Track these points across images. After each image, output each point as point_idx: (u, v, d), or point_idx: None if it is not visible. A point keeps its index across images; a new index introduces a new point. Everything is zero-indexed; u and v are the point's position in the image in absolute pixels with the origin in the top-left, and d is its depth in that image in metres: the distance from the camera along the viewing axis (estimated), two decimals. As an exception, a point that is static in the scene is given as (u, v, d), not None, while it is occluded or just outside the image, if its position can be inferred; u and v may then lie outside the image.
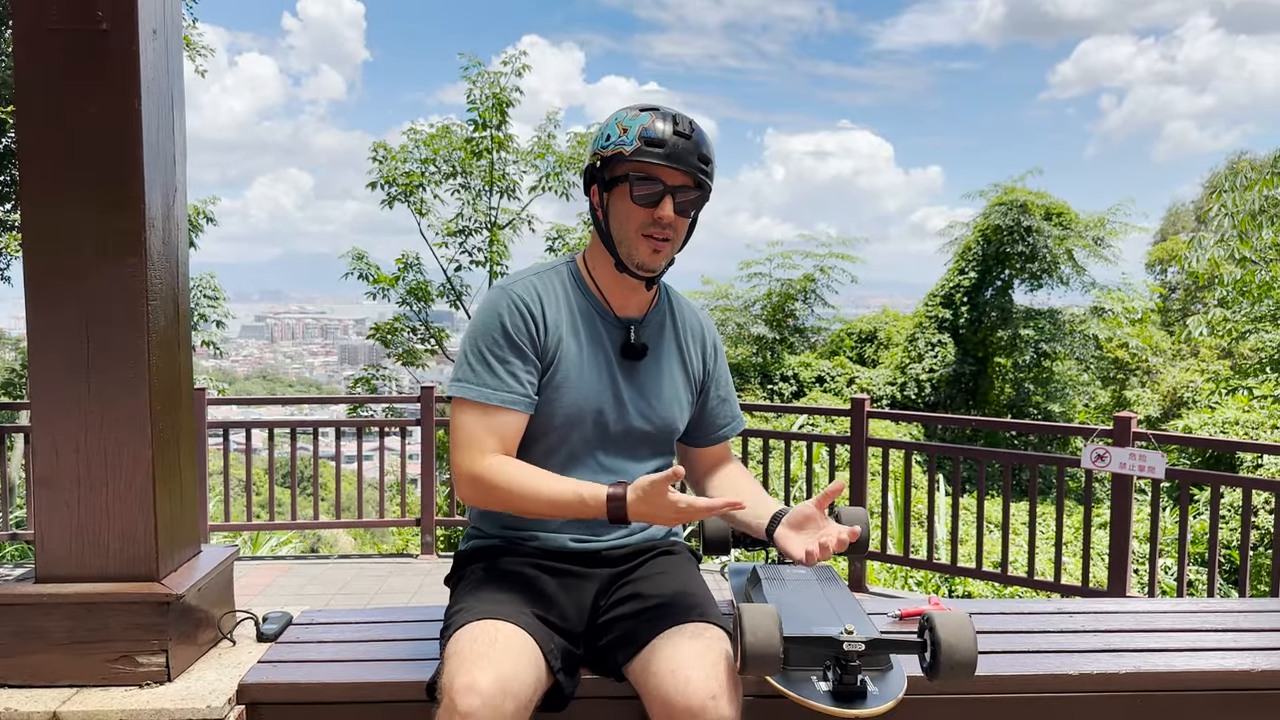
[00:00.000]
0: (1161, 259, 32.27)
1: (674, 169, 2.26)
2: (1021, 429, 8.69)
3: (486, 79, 14.37)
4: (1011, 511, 6.76)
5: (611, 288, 2.42)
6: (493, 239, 14.56)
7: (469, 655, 1.98)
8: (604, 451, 2.39)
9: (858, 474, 6.82)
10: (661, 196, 2.27)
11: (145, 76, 2.28)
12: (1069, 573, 7.20)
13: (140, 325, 2.29)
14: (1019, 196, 21.90)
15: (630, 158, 2.26)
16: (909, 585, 7.76)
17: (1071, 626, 2.64)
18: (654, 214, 2.27)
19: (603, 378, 2.37)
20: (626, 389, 2.39)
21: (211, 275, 19.75)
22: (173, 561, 2.40)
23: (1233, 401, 15.77)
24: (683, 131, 2.27)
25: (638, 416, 2.40)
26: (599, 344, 2.39)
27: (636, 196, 2.27)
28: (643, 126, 2.26)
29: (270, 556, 8.53)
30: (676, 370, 2.49)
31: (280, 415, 8.14)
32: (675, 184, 2.28)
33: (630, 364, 2.41)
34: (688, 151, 2.27)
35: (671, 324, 2.52)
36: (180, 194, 2.47)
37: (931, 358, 22.00)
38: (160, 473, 2.33)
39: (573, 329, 2.36)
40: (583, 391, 2.34)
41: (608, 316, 2.42)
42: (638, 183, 2.27)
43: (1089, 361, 22.64)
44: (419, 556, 7.61)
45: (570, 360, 2.34)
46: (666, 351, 2.49)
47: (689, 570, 2.43)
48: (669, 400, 2.46)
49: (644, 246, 2.30)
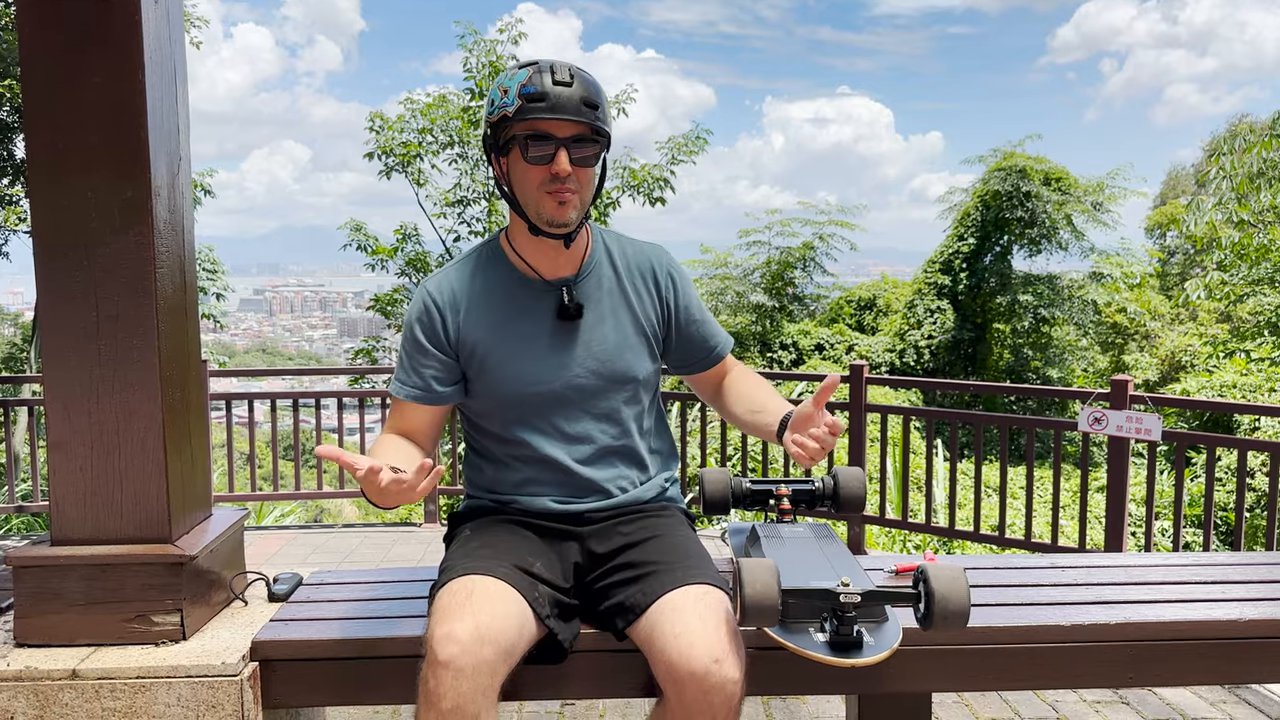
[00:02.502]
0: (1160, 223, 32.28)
1: (562, 120, 2.23)
2: (1019, 393, 8.74)
3: (483, 47, 14.29)
4: (1009, 475, 6.82)
5: (534, 254, 2.41)
6: (491, 209, 14.54)
7: (449, 608, 2.03)
8: (561, 417, 2.42)
9: (856, 440, 6.87)
10: (555, 151, 2.25)
11: (148, 46, 2.31)
12: (1066, 535, 7.27)
13: (148, 293, 2.33)
14: (1018, 162, 21.90)
15: (515, 118, 2.24)
16: (907, 549, 7.83)
17: (1064, 580, 2.69)
18: (550, 170, 2.25)
19: (534, 348, 2.39)
20: (567, 351, 2.40)
21: (210, 248, 19.75)
22: (185, 523, 2.45)
23: (1230, 365, 15.83)
24: (562, 80, 2.24)
25: (584, 374, 2.40)
26: (527, 316, 2.40)
27: (529, 156, 2.26)
28: (520, 84, 2.24)
29: (275, 526, 8.60)
30: (623, 315, 2.47)
31: (282, 387, 8.18)
32: (566, 135, 2.25)
33: (571, 324, 2.41)
34: (571, 100, 2.23)
35: (612, 271, 2.49)
36: (185, 163, 2.51)
37: (930, 324, 22.05)
38: (171, 437, 2.37)
39: (493, 310, 2.39)
40: (514, 367, 2.37)
41: (535, 284, 2.42)
42: (527, 142, 2.25)
43: (1088, 326, 22.69)
44: (422, 525, 7.66)
45: (494, 341, 2.38)
46: (607, 300, 2.46)
47: (683, 531, 2.43)
48: (617, 349, 2.44)
49: (549, 202, 2.28)
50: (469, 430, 2.55)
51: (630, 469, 2.50)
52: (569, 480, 2.42)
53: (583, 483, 2.42)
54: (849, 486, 2.58)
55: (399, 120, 14.60)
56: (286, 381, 30.53)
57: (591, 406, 2.44)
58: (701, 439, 7.67)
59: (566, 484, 2.42)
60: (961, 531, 6.68)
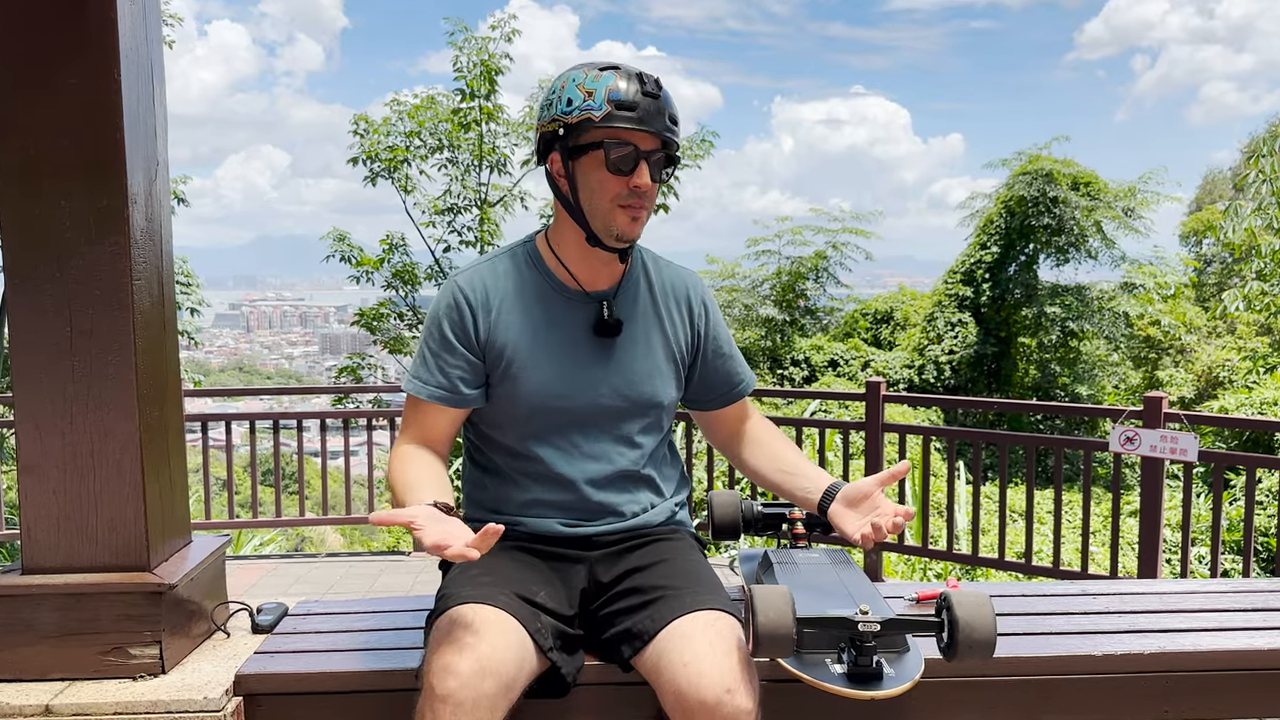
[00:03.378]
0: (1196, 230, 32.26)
1: (646, 133, 2.27)
2: (1047, 411, 8.76)
3: (474, 45, 14.29)
4: (1036, 499, 6.82)
5: (579, 263, 2.43)
6: (483, 217, 14.56)
7: (447, 639, 2.03)
8: (581, 434, 2.43)
9: (873, 462, 6.88)
10: (637, 162, 2.28)
11: (124, 45, 2.32)
12: (1096, 562, 7.27)
13: (125, 306, 2.34)
14: (1044, 165, 21.92)
15: (600, 123, 2.25)
16: (928, 578, 7.84)
17: (1095, 608, 2.70)
18: (630, 182, 2.28)
19: (564, 361, 2.40)
20: (597, 368, 2.42)
21: (183, 260, 19.75)
22: (163, 551, 2.46)
23: (1271, 380, 15.83)
24: (651, 91, 2.27)
25: (610, 394, 2.43)
26: (561, 325, 2.42)
27: (612, 164, 2.27)
28: (609, 88, 2.25)
29: (255, 556, 8.60)
30: (655, 339, 2.50)
31: (260, 408, 8.19)
32: (648, 149, 2.29)
33: (605, 341, 2.43)
34: (658, 113, 2.27)
35: (648, 290, 2.53)
36: (162, 169, 2.52)
37: (951, 338, 22.05)
38: (149, 459, 2.38)
39: (525, 315, 2.40)
40: (540, 378, 2.38)
41: (573, 295, 2.44)
42: (613, 149, 2.26)
43: (1119, 340, 22.69)
44: (411, 554, 7.66)
45: (523, 348, 2.39)
46: (643, 321, 2.49)
47: (693, 556, 2.44)
48: (646, 374, 2.47)
49: (622, 216, 2.31)
50: (474, 442, 2.56)
51: (643, 493, 2.51)
52: (579, 502, 2.43)
53: (593, 505, 2.43)
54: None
55: (384, 123, 14.62)
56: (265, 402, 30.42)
57: (613, 428, 2.46)
58: (709, 461, 7.66)
59: (576, 506, 2.43)
60: (985, 559, 6.69)
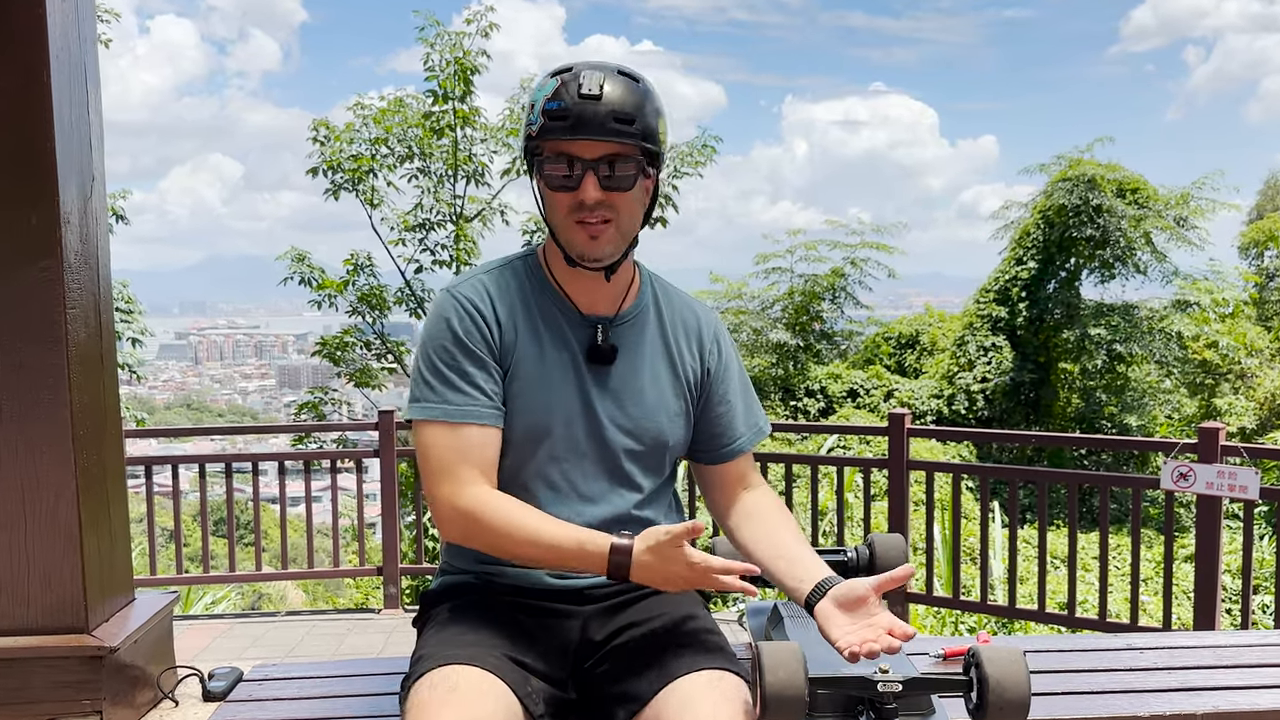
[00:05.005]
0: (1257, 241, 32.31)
1: (587, 140, 2.26)
2: (1091, 445, 8.78)
3: (447, 41, 14.26)
4: (1079, 543, 6.82)
5: (572, 282, 2.44)
6: (459, 234, 14.52)
7: (426, 705, 2.03)
8: (578, 471, 2.42)
9: (897, 503, 6.88)
10: (581, 176, 2.28)
11: (55, 44, 2.33)
12: (1148, 613, 7.29)
13: (58, 338, 2.34)
14: (1087, 170, 21.96)
15: (538, 137, 2.28)
16: (959, 632, 7.83)
17: (1142, 664, 2.71)
18: (575, 197, 2.29)
19: (568, 384, 2.40)
20: (599, 398, 2.42)
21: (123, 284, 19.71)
22: (103, 611, 2.46)
23: (1343, 409, 15.84)
24: (589, 93, 2.25)
25: (615, 429, 2.43)
26: (563, 346, 2.42)
27: (550, 180, 2.30)
28: (546, 98, 2.27)
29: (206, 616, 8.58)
30: (662, 372, 2.50)
31: (211, 449, 8.19)
32: (595, 157, 2.27)
33: (600, 369, 2.43)
34: (598, 116, 2.25)
35: (656, 319, 2.53)
36: (99, 183, 2.52)
37: (984, 365, 22.05)
38: (86, 507, 2.39)
39: (531, 329, 2.40)
40: (544, 400, 2.37)
41: (572, 315, 2.44)
42: (548, 164, 2.29)
43: (1171, 365, 22.67)
44: (381, 612, 7.65)
45: (529, 364, 2.38)
46: (648, 351, 2.50)
47: (695, 610, 2.45)
48: (652, 409, 2.47)
49: (579, 235, 2.31)
50: None
51: None
52: None
53: None
54: (888, 557, 2.60)
55: (348, 129, 14.60)
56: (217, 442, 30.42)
57: (613, 466, 2.45)
58: (713, 505, 7.67)
59: None
60: (1023, 611, 6.69)
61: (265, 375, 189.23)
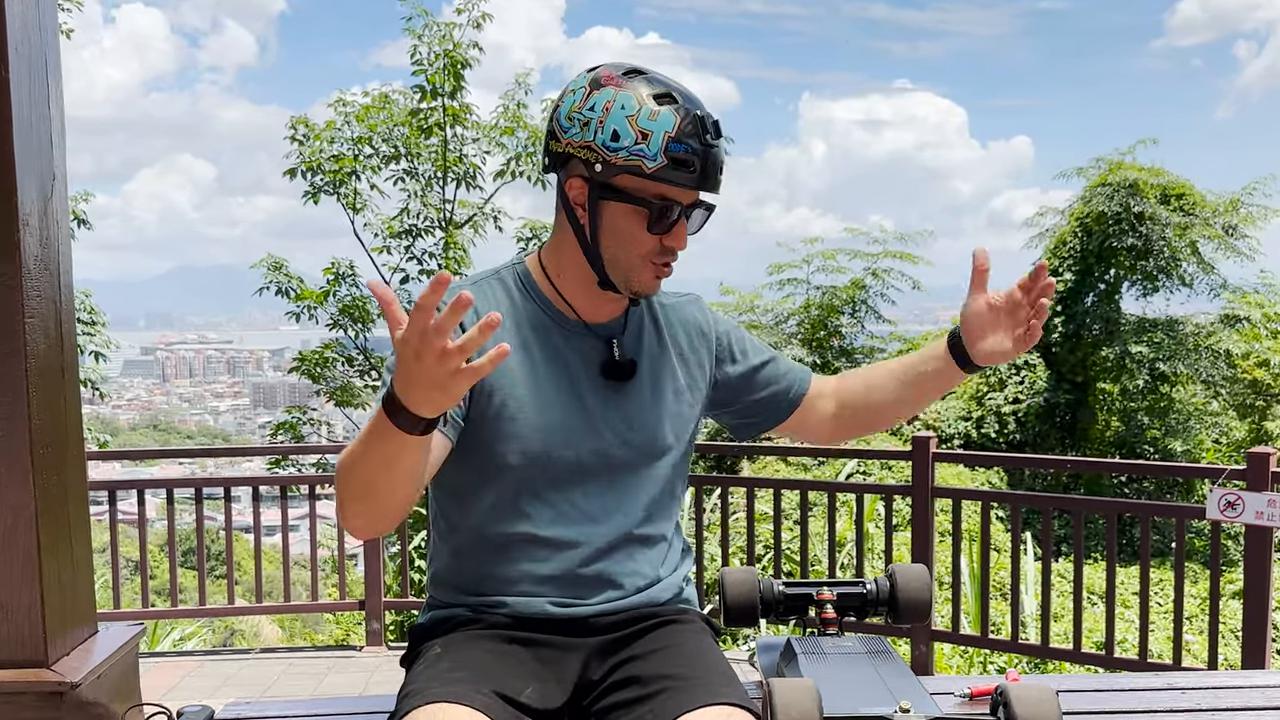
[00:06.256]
0: (1313, 251, 32.33)
1: (697, 190, 2.31)
2: (1131, 472, 8.78)
3: (436, 32, 14.26)
4: (1119, 578, 6.81)
5: (577, 292, 2.46)
6: (448, 241, 14.52)
7: None
8: (580, 492, 2.43)
9: (921, 533, 6.87)
10: (675, 222, 2.32)
11: (13, 36, 2.32)
12: (1192, 653, 7.28)
13: (16, 351, 2.34)
14: (1128, 174, 21.93)
15: (651, 176, 2.25)
16: (987, 672, 7.81)
17: (1184, 705, 2.71)
18: (664, 241, 2.33)
19: (567, 403, 2.41)
20: (603, 412, 2.43)
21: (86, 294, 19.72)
22: (65, 643, 2.46)
23: (1406, 433, 15.81)
24: (712, 142, 2.27)
25: (621, 445, 2.44)
26: (559, 361, 2.43)
27: (655, 226, 2.30)
28: (668, 135, 2.24)
29: (174, 652, 8.57)
30: (665, 381, 2.53)
31: (180, 473, 8.18)
32: (692, 202, 2.33)
33: (610, 383, 2.45)
34: (715, 168, 2.29)
35: (653, 325, 2.57)
36: (60, 183, 2.52)
37: (1016, 384, 22.03)
38: (46, 533, 2.39)
39: (521, 346, 2.40)
40: (540, 421, 2.38)
41: (573, 327, 2.46)
42: (658, 208, 2.28)
43: (1219, 385, 22.61)
44: (363, 649, 7.63)
45: (519, 384, 2.38)
46: (650, 358, 2.53)
47: (704, 642, 2.44)
48: (657, 421, 2.49)
49: (648, 274, 2.37)
50: (445, 509, 2.53)
51: (648, 563, 2.51)
52: (573, 573, 2.42)
53: (589, 576, 2.43)
54: (910, 590, 2.61)
55: (329, 127, 14.58)
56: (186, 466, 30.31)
57: (619, 483, 2.46)
58: (723, 533, 7.65)
59: (570, 579, 2.41)
60: (1058, 650, 6.68)
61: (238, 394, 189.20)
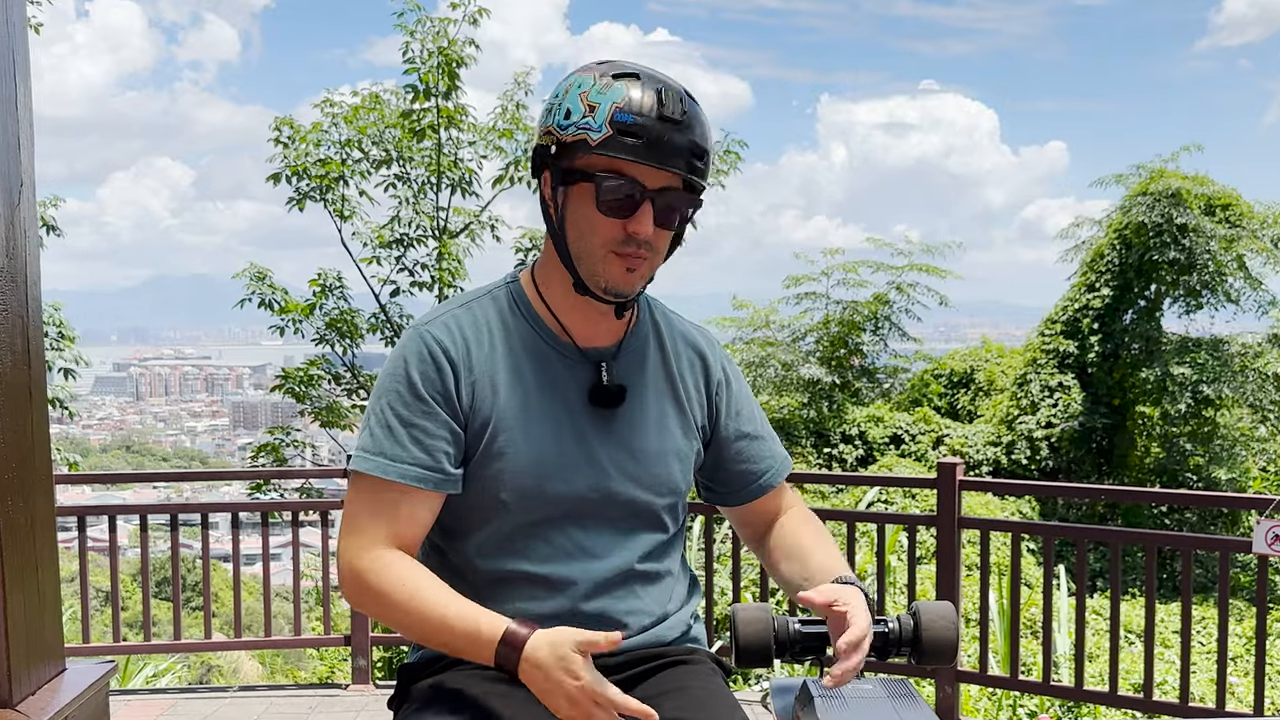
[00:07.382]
0: (1368, 266, 32.33)
1: (655, 168, 2.24)
2: (1173, 502, 8.79)
3: (429, 28, 14.23)
4: (1159, 615, 6.81)
5: (570, 312, 2.44)
6: (442, 250, 14.49)
7: None
8: (578, 527, 2.42)
9: (947, 566, 6.87)
10: (639, 204, 2.26)
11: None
12: (1236, 697, 7.27)
13: (-20, 368, 2.35)
14: (1170, 183, 21.95)
15: (597, 148, 2.23)
16: (1018, 716, 7.80)
17: (1227, 754, 2.71)
18: (627, 226, 2.27)
19: (562, 433, 2.40)
20: (602, 444, 2.42)
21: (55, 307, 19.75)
22: (30, 682, 2.46)
23: None
24: (671, 115, 2.23)
25: (622, 478, 2.43)
26: (555, 389, 2.42)
27: (604, 204, 2.26)
28: (615, 106, 2.22)
29: (148, 690, 8.56)
30: (669, 410, 2.52)
31: (155, 498, 8.18)
32: (657, 186, 2.26)
33: (606, 411, 2.44)
34: (676, 145, 2.24)
35: (658, 349, 2.55)
36: (27, 188, 2.52)
37: (1050, 407, 22.03)
38: (10, 564, 2.38)
39: (514, 374, 2.39)
40: (534, 454, 2.37)
41: (567, 351, 2.45)
42: (606, 184, 2.25)
43: (1267, 409, 22.60)
44: (349, 687, 7.62)
45: (513, 416, 2.37)
46: (653, 388, 2.51)
47: (714, 684, 2.45)
48: (659, 452, 2.48)
49: (614, 267, 2.31)
50: (436, 544, 2.53)
51: (653, 600, 2.51)
52: (572, 612, 2.40)
53: (588, 615, 2.41)
54: (935, 628, 2.60)
55: (315, 129, 14.57)
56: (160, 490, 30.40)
57: (618, 518, 2.46)
58: (734, 566, 7.64)
59: (569, 618, 2.38)
60: (1092, 693, 6.67)
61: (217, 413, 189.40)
